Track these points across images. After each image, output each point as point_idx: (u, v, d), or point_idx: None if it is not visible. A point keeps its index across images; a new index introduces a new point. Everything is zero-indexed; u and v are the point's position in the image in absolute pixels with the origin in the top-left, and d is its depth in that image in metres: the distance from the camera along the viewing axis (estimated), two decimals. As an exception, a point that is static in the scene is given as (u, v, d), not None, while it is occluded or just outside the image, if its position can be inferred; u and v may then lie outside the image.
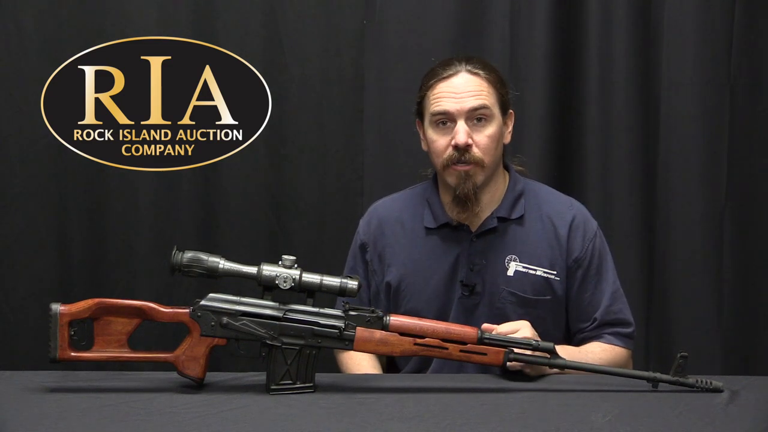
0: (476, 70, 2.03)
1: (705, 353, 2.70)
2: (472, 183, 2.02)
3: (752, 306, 2.73)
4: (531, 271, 2.06)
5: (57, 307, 1.67)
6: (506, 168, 2.15)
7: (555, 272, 2.06)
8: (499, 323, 2.00)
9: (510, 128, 2.11)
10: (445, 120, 2.02)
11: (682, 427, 1.52)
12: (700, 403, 1.64)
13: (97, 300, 1.69)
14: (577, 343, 2.08)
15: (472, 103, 2.00)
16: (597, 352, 2.04)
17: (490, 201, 2.09)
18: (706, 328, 2.72)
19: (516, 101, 2.19)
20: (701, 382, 1.72)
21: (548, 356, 1.76)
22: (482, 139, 2.01)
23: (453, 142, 2.00)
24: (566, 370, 1.78)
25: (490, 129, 2.02)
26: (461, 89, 2.01)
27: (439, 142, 2.03)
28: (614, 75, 2.69)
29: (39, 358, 1.77)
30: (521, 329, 1.85)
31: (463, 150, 2.00)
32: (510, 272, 2.06)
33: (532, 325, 1.96)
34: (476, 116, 2.01)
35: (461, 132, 1.99)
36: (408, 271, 2.11)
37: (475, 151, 2.00)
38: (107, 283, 2.66)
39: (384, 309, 2.09)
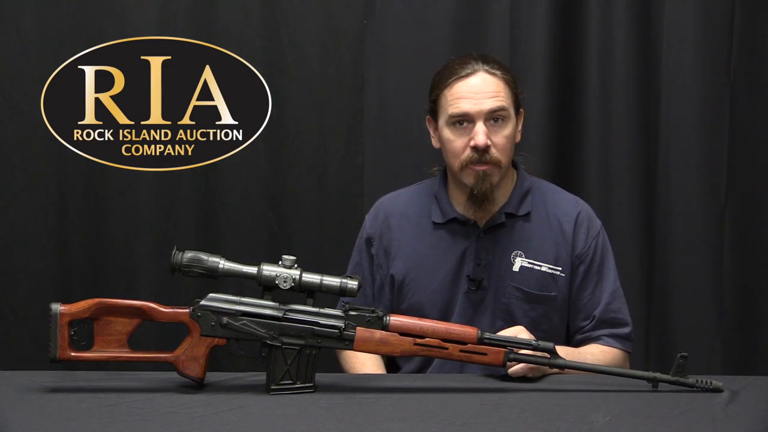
0: (494, 71, 2.03)
1: (705, 353, 2.70)
2: (489, 182, 2.02)
3: (752, 306, 2.73)
4: (536, 267, 2.06)
5: (57, 307, 1.67)
6: (514, 166, 2.16)
7: (560, 268, 2.07)
8: (504, 318, 2.02)
9: (520, 127, 2.11)
10: (463, 120, 2.02)
11: (682, 427, 1.52)
12: (700, 403, 1.64)
13: (97, 300, 1.69)
14: (576, 345, 2.08)
15: (491, 104, 2.00)
16: (596, 353, 2.04)
17: (500, 197, 2.09)
18: (706, 328, 2.72)
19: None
20: (701, 382, 1.72)
21: (548, 356, 1.76)
22: (500, 140, 2.02)
23: (472, 143, 2.00)
24: (566, 370, 1.78)
25: (507, 130, 2.03)
26: (480, 90, 2.01)
27: (457, 142, 2.03)
28: (614, 75, 2.69)
29: (39, 358, 1.77)
30: (518, 335, 1.85)
31: (482, 151, 2.00)
32: (516, 267, 2.06)
33: (537, 321, 1.98)
34: (494, 117, 2.01)
35: (480, 133, 1.99)
36: (414, 264, 2.11)
37: (494, 151, 2.01)
38: (107, 283, 2.66)
39: (388, 303, 2.11)
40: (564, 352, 1.87)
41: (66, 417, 1.54)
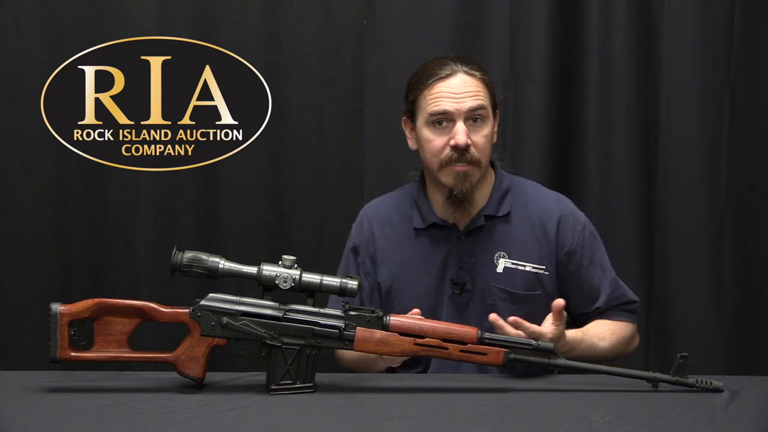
0: (473, 71, 2.05)
1: (705, 353, 2.69)
2: (469, 183, 2.03)
3: (752, 306, 2.73)
4: (520, 267, 2.06)
5: (57, 307, 1.67)
6: (492, 165, 2.16)
7: (544, 267, 2.08)
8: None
9: (496, 128, 2.12)
10: (443, 120, 2.03)
11: (682, 427, 1.52)
12: (700, 403, 1.64)
13: (97, 300, 1.69)
14: (581, 325, 2.08)
15: (471, 103, 2.01)
16: (600, 330, 2.05)
17: (479, 199, 2.10)
18: (706, 328, 2.72)
19: (516, 100, 2.20)
20: (701, 382, 1.72)
21: (548, 358, 1.76)
22: (479, 140, 2.03)
23: (452, 143, 2.01)
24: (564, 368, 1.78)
25: (486, 129, 2.04)
26: (460, 90, 2.02)
27: (436, 141, 2.04)
28: (614, 75, 2.69)
29: (39, 358, 1.77)
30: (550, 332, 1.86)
31: (462, 150, 2.01)
32: (499, 269, 2.07)
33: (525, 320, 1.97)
34: (474, 116, 2.02)
35: (461, 132, 2.00)
36: (399, 271, 2.11)
37: (474, 151, 2.02)
38: (107, 283, 2.66)
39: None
40: (572, 335, 1.93)
41: (66, 417, 1.54)
